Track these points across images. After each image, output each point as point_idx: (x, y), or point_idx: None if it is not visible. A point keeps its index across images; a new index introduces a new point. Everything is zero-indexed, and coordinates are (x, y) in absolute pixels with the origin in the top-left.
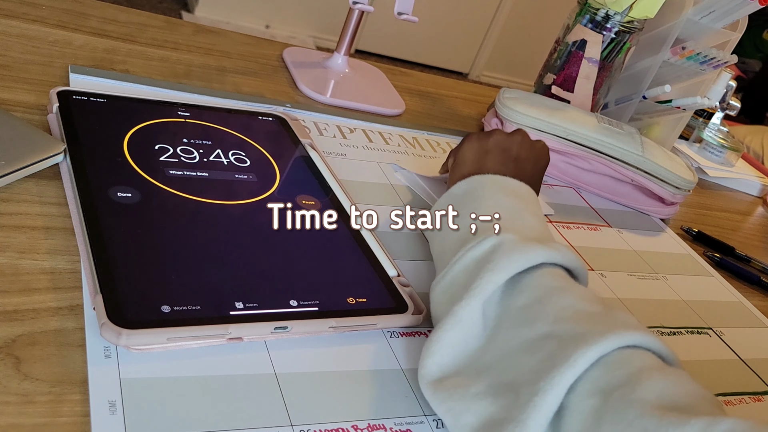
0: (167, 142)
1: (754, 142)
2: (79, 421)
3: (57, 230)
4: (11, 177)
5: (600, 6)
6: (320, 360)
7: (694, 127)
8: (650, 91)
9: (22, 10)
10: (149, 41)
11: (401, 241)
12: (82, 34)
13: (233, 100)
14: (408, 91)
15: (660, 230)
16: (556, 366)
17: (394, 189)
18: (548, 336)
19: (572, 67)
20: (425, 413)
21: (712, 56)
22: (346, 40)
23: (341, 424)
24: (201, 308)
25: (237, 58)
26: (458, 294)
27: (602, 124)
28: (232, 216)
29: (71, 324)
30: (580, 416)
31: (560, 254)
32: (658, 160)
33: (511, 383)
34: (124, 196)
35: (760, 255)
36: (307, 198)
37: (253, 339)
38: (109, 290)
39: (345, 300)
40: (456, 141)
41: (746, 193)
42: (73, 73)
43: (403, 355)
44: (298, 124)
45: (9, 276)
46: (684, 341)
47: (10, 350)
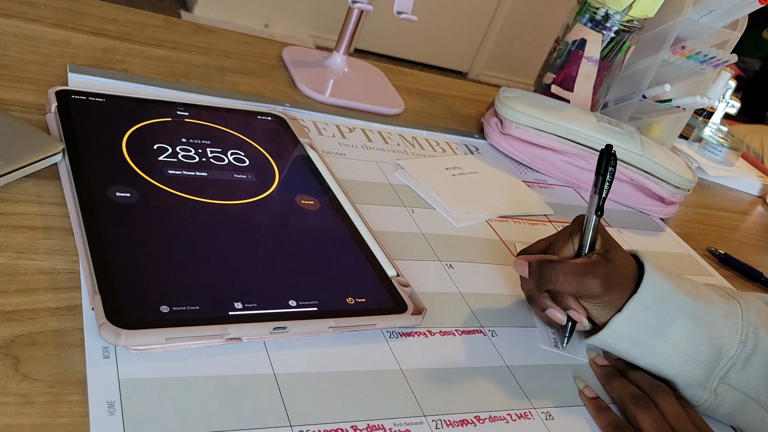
0: (166, 141)
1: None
2: (78, 422)
3: (55, 230)
4: (10, 177)
5: (600, 5)
6: (319, 360)
7: (694, 127)
8: (650, 91)
9: (21, 10)
10: (148, 40)
11: (401, 241)
12: (80, 33)
13: (232, 99)
14: (407, 91)
15: (660, 230)
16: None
17: (394, 189)
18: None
19: (572, 66)
20: (424, 414)
21: (712, 55)
22: (346, 39)
23: (340, 424)
24: (200, 308)
25: (236, 57)
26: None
27: (602, 123)
28: (231, 216)
29: (70, 324)
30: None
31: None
32: (658, 160)
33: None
34: (122, 195)
35: (760, 255)
36: (306, 198)
37: (252, 339)
38: (107, 290)
39: (344, 300)
40: (456, 140)
41: (746, 193)
42: (71, 73)
43: (403, 355)
44: (297, 124)
45: (7, 276)
46: None
47: (8, 350)
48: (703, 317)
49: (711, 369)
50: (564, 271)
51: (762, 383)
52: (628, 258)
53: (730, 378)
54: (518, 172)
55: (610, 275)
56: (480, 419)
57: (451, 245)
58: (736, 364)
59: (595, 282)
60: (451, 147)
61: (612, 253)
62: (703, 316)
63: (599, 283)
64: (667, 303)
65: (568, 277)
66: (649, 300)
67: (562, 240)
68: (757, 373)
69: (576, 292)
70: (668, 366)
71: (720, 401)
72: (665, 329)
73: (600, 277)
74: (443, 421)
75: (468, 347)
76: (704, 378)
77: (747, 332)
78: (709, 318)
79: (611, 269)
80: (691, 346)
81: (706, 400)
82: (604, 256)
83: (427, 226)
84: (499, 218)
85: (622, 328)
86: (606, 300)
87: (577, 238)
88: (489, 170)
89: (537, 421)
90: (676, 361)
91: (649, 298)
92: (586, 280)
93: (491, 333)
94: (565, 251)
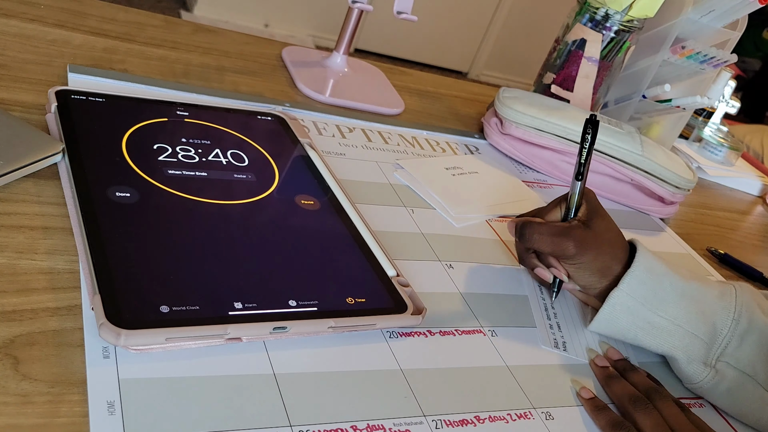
0: (166, 141)
1: (753, 142)
2: (78, 422)
3: (55, 230)
4: (9, 177)
5: (600, 5)
6: (319, 360)
7: (694, 127)
8: (650, 91)
9: (21, 9)
10: (148, 40)
11: (401, 241)
12: (80, 33)
13: (232, 99)
14: (407, 91)
15: (660, 230)
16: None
17: (393, 189)
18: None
19: (572, 66)
20: (424, 414)
21: (712, 55)
22: (346, 39)
23: (340, 424)
24: (200, 308)
25: (236, 57)
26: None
27: (602, 123)
28: (231, 216)
29: (70, 324)
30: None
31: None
32: (658, 160)
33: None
34: (122, 195)
35: (760, 255)
36: (306, 198)
37: (252, 339)
38: (107, 290)
39: (344, 300)
40: (456, 140)
41: (746, 193)
42: (71, 73)
43: (403, 355)
44: (297, 124)
45: (7, 276)
46: None
47: (8, 350)
48: (695, 296)
49: (709, 345)
50: (540, 230)
51: (758, 360)
52: (613, 228)
53: (728, 355)
54: (518, 172)
55: (586, 239)
56: (480, 419)
57: (451, 245)
58: (732, 341)
59: (568, 243)
60: (451, 147)
61: (595, 220)
62: (696, 294)
63: (573, 244)
64: (660, 281)
65: (544, 237)
66: (642, 275)
67: (551, 206)
68: (753, 351)
69: (551, 251)
70: (669, 341)
71: (720, 378)
72: (661, 304)
73: (574, 240)
74: (443, 421)
75: (468, 347)
76: (704, 354)
77: (740, 311)
78: (702, 296)
79: (588, 234)
80: (687, 321)
81: (707, 375)
82: (584, 222)
83: (427, 226)
84: (499, 218)
85: (620, 300)
86: (582, 261)
87: (564, 205)
88: (489, 170)
89: (537, 421)
90: (676, 336)
91: (642, 274)
92: (559, 240)
93: (491, 333)
94: (551, 215)
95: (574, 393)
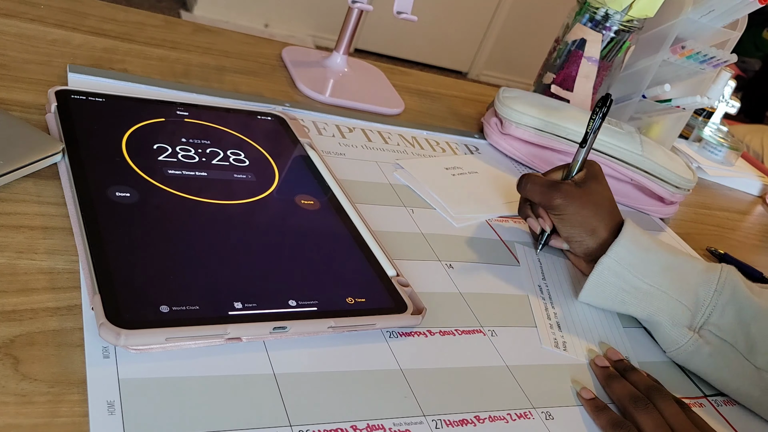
0: (166, 141)
1: (753, 142)
2: (78, 422)
3: (55, 230)
4: (9, 177)
5: (600, 5)
6: (319, 360)
7: (694, 127)
8: (650, 90)
9: (21, 9)
10: (148, 40)
11: (401, 241)
12: (80, 33)
13: (232, 99)
14: (407, 91)
15: (660, 230)
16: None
17: (393, 189)
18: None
19: (572, 66)
20: (424, 413)
21: (712, 55)
22: (345, 39)
23: (340, 424)
24: (200, 308)
25: (236, 57)
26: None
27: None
28: (231, 216)
29: (70, 324)
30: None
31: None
32: (658, 160)
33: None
34: (122, 195)
35: (760, 255)
36: (306, 198)
37: (251, 339)
38: (107, 290)
39: (344, 300)
40: (456, 140)
41: (746, 193)
42: (71, 73)
43: (403, 355)
44: (297, 124)
45: (7, 276)
46: None
47: (8, 350)
48: (681, 268)
49: (693, 313)
50: (533, 181)
51: (739, 330)
52: (605, 194)
53: (711, 324)
54: (518, 172)
55: (573, 194)
56: (480, 419)
57: (451, 245)
58: (714, 310)
59: (555, 194)
60: (451, 147)
61: (589, 182)
62: (682, 266)
63: (559, 195)
64: (646, 251)
65: (536, 186)
66: (629, 245)
67: (556, 168)
68: (733, 321)
69: (539, 201)
70: (654, 304)
71: (703, 342)
72: (647, 272)
73: (562, 193)
74: (443, 421)
75: (468, 347)
76: (688, 320)
77: (723, 283)
78: (687, 269)
79: (578, 192)
80: (672, 288)
81: (690, 338)
82: (577, 183)
83: (427, 226)
84: (499, 218)
85: (607, 265)
86: (565, 213)
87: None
88: (489, 170)
89: (537, 421)
90: (662, 300)
91: (629, 243)
92: (549, 191)
93: (491, 333)
94: (552, 175)
95: (574, 393)
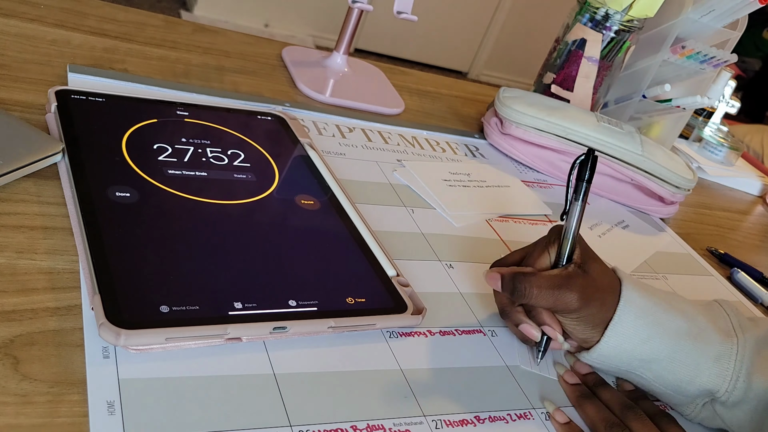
0: (166, 141)
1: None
2: (78, 422)
3: (55, 230)
4: (9, 177)
5: (600, 5)
6: (319, 360)
7: (694, 127)
8: (650, 90)
9: (21, 9)
10: (148, 40)
11: (401, 241)
12: (80, 33)
13: (232, 99)
14: (407, 91)
15: (660, 230)
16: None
17: (393, 189)
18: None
19: (572, 66)
20: (424, 414)
21: (712, 55)
22: (346, 39)
23: (340, 424)
24: (200, 308)
25: (236, 57)
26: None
27: (602, 123)
28: (231, 216)
29: (70, 324)
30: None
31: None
32: (658, 160)
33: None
34: (122, 195)
35: (760, 255)
36: (306, 198)
37: (251, 339)
38: (107, 290)
39: (344, 300)
40: (456, 140)
41: (746, 193)
42: (71, 73)
43: (403, 355)
44: (297, 124)
45: (7, 276)
46: None
47: (8, 350)
48: (686, 359)
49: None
50: (539, 284)
51: (748, 424)
52: (607, 271)
53: (717, 408)
54: (518, 172)
55: (588, 288)
56: (480, 419)
57: (451, 245)
58: (725, 403)
59: (572, 295)
60: (451, 147)
61: (590, 264)
62: (687, 357)
63: (576, 296)
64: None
65: (543, 290)
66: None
67: (537, 251)
68: (745, 416)
69: (552, 306)
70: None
71: (703, 419)
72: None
73: (577, 290)
74: (443, 421)
75: (468, 347)
76: (690, 403)
77: (737, 377)
78: (694, 359)
79: (589, 281)
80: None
81: (690, 413)
82: (582, 268)
83: (427, 226)
84: (499, 218)
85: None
86: (583, 315)
87: (554, 248)
88: (489, 170)
89: (537, 421)
90: (659, 390)
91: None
92: (562, 293)
93: (491, 333)
94: (541, 262)
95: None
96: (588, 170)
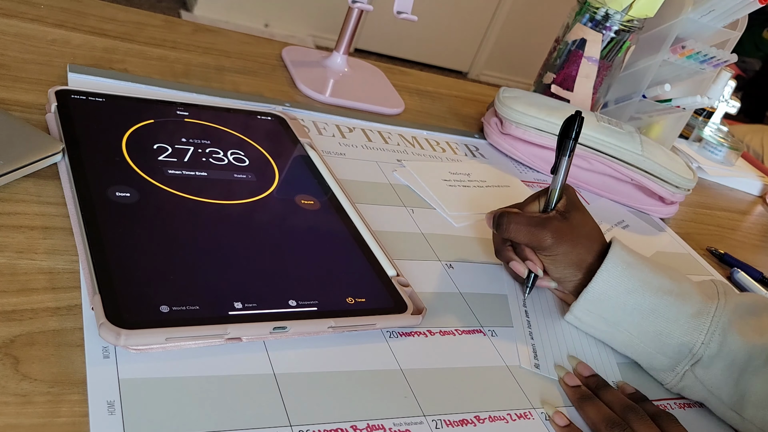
0: (166, 141)
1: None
2: (78, 422)
3: (55, 230)
4: (9, 177)
5: (600, 5)
6: (319, 360)
7: (694, 127)
8: (650, 90)
9: (21, 9)
10: (148, 40)
11: (401, 241)
12: (80, 33)
13: (232, 99)
14: (407, 90)
15: (660, 230)
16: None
17: (393, 189)
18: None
19: (572, 66)
20: (424, 413)
21: (712, 55)
22: (346, 39)
23: (340, 424)
24: (200, 308)
25: (236, 57)
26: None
27: (602, 123)
28: (231, 216)
29: (70, 324)
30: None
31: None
32: (658, 159)
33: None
34: (122, 195)
35: (760, 255)
36: (306, 198)
37: (251, 339)
38: (107, 290)
39: (344, 300)
40: (456, 140)
41: (746, 193)
42: (71, 73)
43: (403, 355)
44: (297, 124)
45: (7, 276)
46: None
47: (8, 350)
48: (664, 313)
49: (675, 361)
50: (518, 221)
51: (724, 384)
52: (590, 222)
53: (696, 372)
54: (518, 172)
55: (563, 230)
56: (480, 419)
57: (451, 245)
58: (700, 360)
59: (545, 233)
60: (451, 147)
61: (572, 213)
62: (665, 312)
63: (549, 234)
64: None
65: (521, 226)
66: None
67: (530, 199)
68: (719, 374)
69: (528, 241)
70: (633, 351)
71: (684, 384)
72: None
73: (551, 230)
74: (443, 421)
75: (468, 347)
76: (670, 366)
77: (712, 333)
78: (671, 314)
79: (565, 225)
80: (650, 342)
81: (671, 380)
82: (562, 214)
83: (427, 226)
84: None
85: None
86: (557, 253)
87: (545, 198)
88: (489, 170)
89: (537, 421)
90: (640, 348)
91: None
92: (536, 230)
93: (491, 333)
94: (530, 208)
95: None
96: (575, 129)
